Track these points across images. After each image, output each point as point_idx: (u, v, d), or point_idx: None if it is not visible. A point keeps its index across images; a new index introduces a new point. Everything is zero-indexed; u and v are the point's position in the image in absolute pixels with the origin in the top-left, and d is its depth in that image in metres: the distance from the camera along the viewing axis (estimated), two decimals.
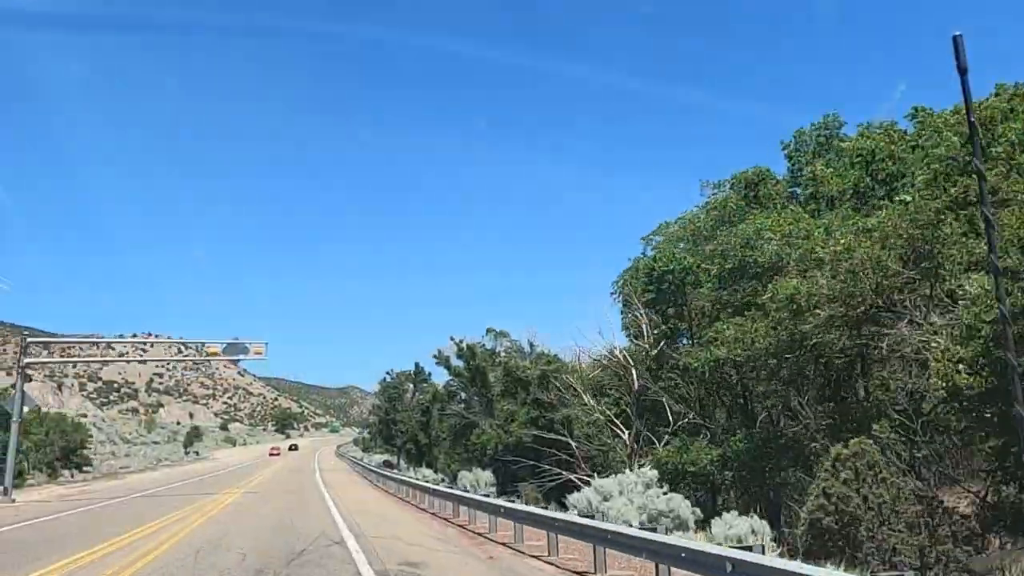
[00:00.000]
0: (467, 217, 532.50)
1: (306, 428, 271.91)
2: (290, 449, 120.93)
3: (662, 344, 30.29)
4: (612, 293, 36.43)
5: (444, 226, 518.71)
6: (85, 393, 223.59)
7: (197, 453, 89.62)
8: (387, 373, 63.44)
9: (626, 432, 28.57)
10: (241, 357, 27.30)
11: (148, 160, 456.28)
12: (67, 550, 14.12)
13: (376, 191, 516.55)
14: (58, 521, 21.49)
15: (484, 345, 41.74)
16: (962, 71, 7.16)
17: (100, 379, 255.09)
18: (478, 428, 36.04)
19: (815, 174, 27.70)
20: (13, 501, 28.87)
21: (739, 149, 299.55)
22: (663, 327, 30.85)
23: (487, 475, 31.18)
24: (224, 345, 27.07)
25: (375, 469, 45.88)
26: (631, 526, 11.40)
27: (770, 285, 23.63)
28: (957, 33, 7.08)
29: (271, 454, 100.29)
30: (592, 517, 13.08)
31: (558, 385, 31.24)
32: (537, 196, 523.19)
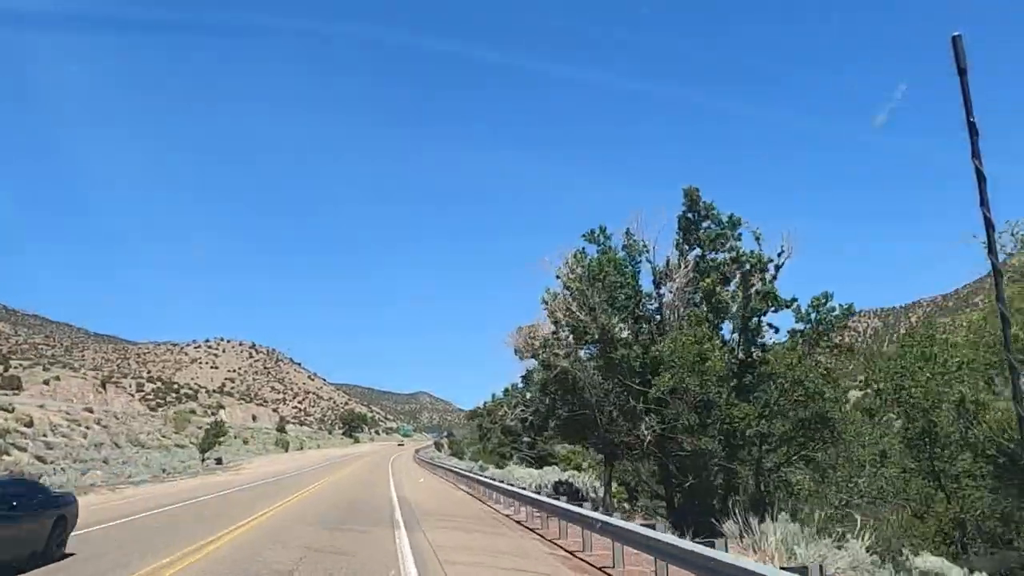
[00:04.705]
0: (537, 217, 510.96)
1: (376, 432, 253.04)
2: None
3: None
4: None
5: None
6: (142, 393, 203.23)
7: (218, 461, 61.27)
8: (587, 236, 22.18)
9: None
10: None
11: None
12: None
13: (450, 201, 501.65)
14: None
15: None
16: (961, 72, 6.53)
17: (160, 380, 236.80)
18: None
19: None
20: None
21: None
22: None
23: None
24: None
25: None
26: None
27: None
28: (956, 33, 6.48)
29: None
30: None
31: None
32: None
